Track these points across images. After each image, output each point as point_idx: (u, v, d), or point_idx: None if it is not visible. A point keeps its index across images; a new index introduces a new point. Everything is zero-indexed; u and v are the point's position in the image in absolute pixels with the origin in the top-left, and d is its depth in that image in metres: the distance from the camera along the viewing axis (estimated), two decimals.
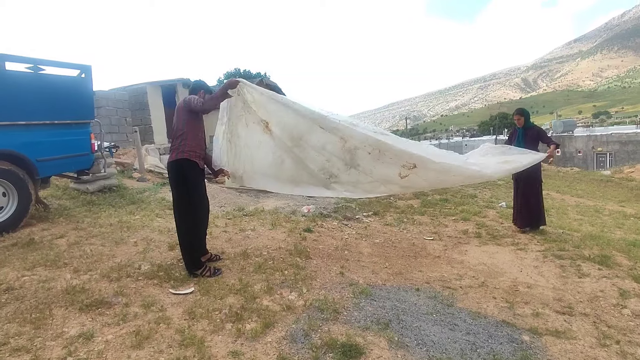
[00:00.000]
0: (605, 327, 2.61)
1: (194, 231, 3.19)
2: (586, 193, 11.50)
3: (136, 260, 3.35)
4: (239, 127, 3.47)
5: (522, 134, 4.80)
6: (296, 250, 3.86)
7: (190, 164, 3.10)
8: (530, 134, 4.75)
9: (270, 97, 3.37)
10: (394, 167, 3.48)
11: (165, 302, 2.68)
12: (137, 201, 5.78)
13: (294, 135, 3.42)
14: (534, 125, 4.91)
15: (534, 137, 4.73)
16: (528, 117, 4.87)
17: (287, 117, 3.36)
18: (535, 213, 4.79)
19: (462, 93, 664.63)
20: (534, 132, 4.76)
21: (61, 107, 4.19)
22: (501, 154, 4.34)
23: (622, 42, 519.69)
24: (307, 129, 3.39)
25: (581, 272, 3.53)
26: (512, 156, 4.22)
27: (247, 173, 3.62)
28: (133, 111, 10.47)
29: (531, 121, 4.93)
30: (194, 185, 3.14)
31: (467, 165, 3.76)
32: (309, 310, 2.65)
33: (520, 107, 5.02)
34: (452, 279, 3.49)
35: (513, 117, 4.98)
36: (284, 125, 3.40)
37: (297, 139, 3.43)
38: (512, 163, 4.08)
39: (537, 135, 4.75)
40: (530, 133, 4.76)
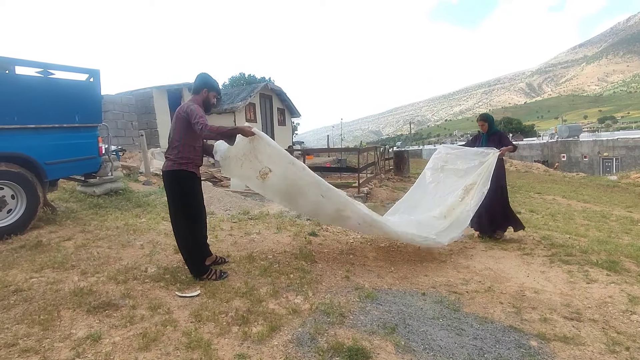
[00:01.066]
0: (615, 333, 2.58)
1: (192, 238, 3.13)
2: (592, 198, 11.41)
3: (143, 263, 3.37)
4: (233, 163, 3.40)
5: (485, 139, 4.83)
6: (301, 254, 3.86)
7: (188, 174, 3.03)
8: (493, 139, 4.76)
9: (281, 153, 3.39)
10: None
11: (171, 304, 2.69)
12: (143, 204, 5.82)
13: (290, 191, 3.54)
14: (497, 130, 4.94)
15: (496, 142, 4.74)
16: (492, 122, 4.90)
17: (293, 175, 3.41)
18: (498, 218, 4.75)
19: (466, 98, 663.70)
20: (496, 137, 4.78)
21: (70, 110, 4.25)
22: (456, 158, 4.58)
23: (628, 46, 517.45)
24: (306, 191, 3.50)
25: (589, 277, 3.50)
26: (469, 162, 4.46)
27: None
28: (139, 115, 10.56)
29: (495, 127, 4.94)
30: (191, 194, 3.09)
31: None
32: (315, 314, 2.64)
33: (484, 113, 5.07)
34: (459, 284, 3.47)
35: (477, 122, 5.00)
36: (285, 179, 3.44)
37: (294, 194, 3.55)
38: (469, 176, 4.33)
39: (499, 140, 4.76)
40: (493, 138, 4.78)
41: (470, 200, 4.21)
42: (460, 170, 4.53)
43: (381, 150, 11.98)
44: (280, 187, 3.51)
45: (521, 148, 36.07)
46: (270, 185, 3.47)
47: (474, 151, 4.59)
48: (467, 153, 4.61)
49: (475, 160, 4.49)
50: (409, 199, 4.68)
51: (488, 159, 4.42)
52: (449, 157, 4.70)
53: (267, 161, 3.35)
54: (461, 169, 4.53)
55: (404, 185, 10.13)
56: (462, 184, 4.42)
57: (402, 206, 4.65)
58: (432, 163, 4.80)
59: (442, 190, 4.55)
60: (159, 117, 10.81)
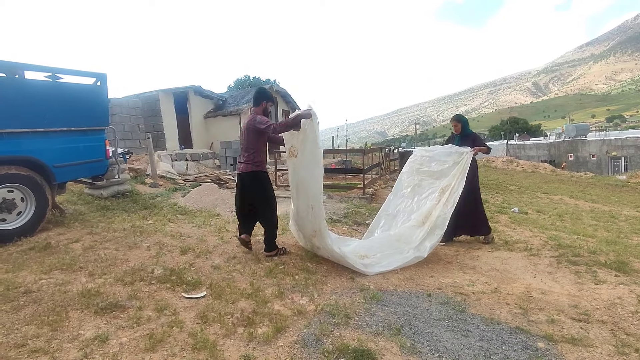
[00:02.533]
0: (624, 335, 2.55)
1: (275, 222, 3.86)
2: (601, 198, 11.27)
3: (149, 265, 3.39)
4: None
5: (458, 140, 4.80)
6: (307, 255, 3.87)
7: (264, 174, 3.78)
8: (466, 141, 4.72)
9: (315, 135, 3.62)
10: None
11: (177, 305, 2.71)
12: (150, 206, 5.87)
13: (296, 183, 3.77)
14: (471, 132, 4.90)
15: (469, 143, 4.68)
16: (465, 124, 4.86)
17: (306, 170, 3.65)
18: (472, 221, 4.66)
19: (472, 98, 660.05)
20: (469, 139, 4.74)
21: (78, 114, 4.30)
22: (431, 160, 4.56)
23: (636, 44, 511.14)
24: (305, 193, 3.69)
25: (597, 278, 3.46)
26: (443, 164, 4.44)
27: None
28: (146, 118, 10.66)
29: (469, 129, 4.88)
30: (269, 189, 3.84)
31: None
32: (320, 315, 2.65)
33: (457, 114, 5.02)
34: (465, 285, 3.45)
35: (451, 122, 4.98)
36: (299, 169, 3.70)
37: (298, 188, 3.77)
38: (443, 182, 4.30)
39: (472, 141, 4.72)
40: (466, 140, 4.73)
41: (446, 202, 4.17)
42: (435, 172, 4.48)
43: (386, 151, 11.95)
44: (293, 174, 3.78)
45: (528, 148, 35.75)
46: (290, 164, 3.81)
47: (447, 151, 4.55)
48: (441, 154, 4.56)
49: (449, 160, 4.45)
50: (388, 207, 4.65)
51: (462, 158, 4.38)
52: (424, 160, 4.65)
53: (299, 143, 3.65)
54: (436, 171, 4.48)
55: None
56: (439, 186, 4.37)
57: (383, 215, 4.64)
58: (408, 167, 4.76)
59: (419, 194, 4.52)
60: (165, 120, 10.90)
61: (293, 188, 3.85)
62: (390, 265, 3.75)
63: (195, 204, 6.04)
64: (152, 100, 10.74)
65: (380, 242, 4.24)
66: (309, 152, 3.59)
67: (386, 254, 4.00)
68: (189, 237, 4.30)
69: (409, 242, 4.13)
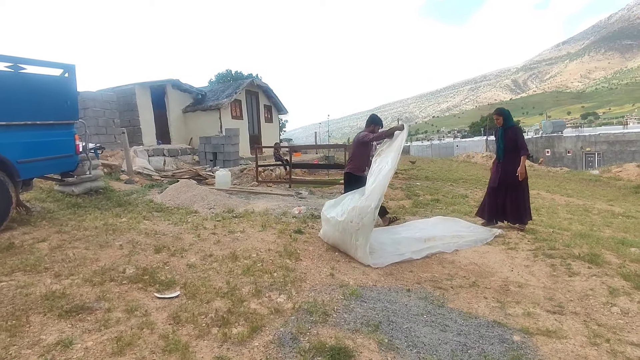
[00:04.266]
0: (596, 326, 2.60)
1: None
2: (575, 192, 11.62)
3: (121, 264, 3.26)
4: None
5: (502, 133, 4.86)
6: (286, 252, 3.80)
7: (354, 176, 4.81)
8: (509, 134, 4.79)
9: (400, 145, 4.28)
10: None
11: (149, 306, 2.60)
12: (124, 203, 5.67)
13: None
14: (513, 125, 4.92)
15: (511, 137, 4.77)
16: (507, 116, 4.87)
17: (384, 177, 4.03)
18: (520, 210, 4.88)
19: (453, 94, 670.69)
20: (512, 132, 4.80)
21: (43, 107, 4.08)
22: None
23: (609, 44, 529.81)
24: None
25: (571, 270, 3.53)
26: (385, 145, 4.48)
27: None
28: (121, 112, 10.30)
29: (513, 121, 4.92)
30: (347, 184, 4.84)
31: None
32: (298, 313, 2.59)
33: (499, 107, 5.05)
34: (443, 279, 3.46)
35: (493, 115, 5.01)
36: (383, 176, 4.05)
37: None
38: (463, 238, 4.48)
39: (514, 135, 4.77)
40: (510, 133, 4.80)
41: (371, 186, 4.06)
42: (384, 153, 4.38)
43: None
44: (373, 173, 4.13)
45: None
46: (375, 163, 4.24)
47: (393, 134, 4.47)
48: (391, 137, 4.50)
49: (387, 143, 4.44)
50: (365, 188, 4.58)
51: (395, 141, 4.33)
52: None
53: (387, 147, 4.34)
54: (384, 153, 4.39)
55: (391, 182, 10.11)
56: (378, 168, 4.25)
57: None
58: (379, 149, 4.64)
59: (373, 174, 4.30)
60: (142, 115, 10.55)
61: (369, 184, 4.09)
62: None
63: (172, 201, 5.87)
64: (128, 94, 10.37)
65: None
66: (390, 158, 4.12)
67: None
68: (164, 235, 4.17)
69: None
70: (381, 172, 4.05)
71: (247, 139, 12.79)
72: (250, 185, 7.99)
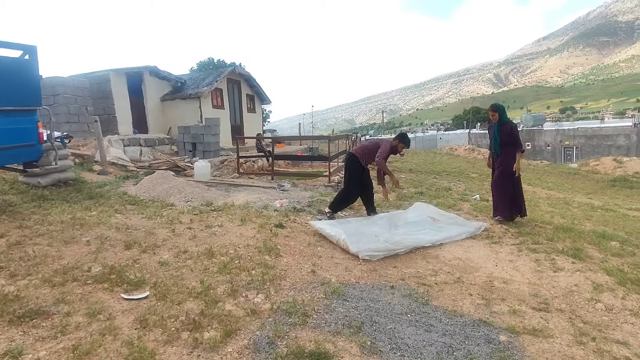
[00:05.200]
0: (581, 324, 2.55)
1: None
2: (556, 185, 11.83)
3: (86, 262, 3.02)
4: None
5: (497, 129, 4.86)
6: (265, 247, 3.63)
7: (360, 163, 5.05)
8: (505, 130, 4.81)
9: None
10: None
11: (114, 309, 2.40)
12: (95, 196, 5.37)
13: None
14: (508, 121, 4.94)
15: (507, 132, 4.79)
16: (502, 112, 4.88)
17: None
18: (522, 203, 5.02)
19: (436, 87, 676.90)
20: (507, 128, 4.82)
21: (0, 92, 3.73)
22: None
23: (587, 40, 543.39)
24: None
25: (556, 265, 3.50)
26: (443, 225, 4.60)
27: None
28: (95, 100, 9.79)
29: (507, 116, 4.94)
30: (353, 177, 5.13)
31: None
32: (276, 315, 2.44)
33: (494, 103, 5.04)
34: (428, 275, 3.38)
35: (488, 111, 4.99)
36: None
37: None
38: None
39: (510, 131, 4.80)
40: (505, 129, 4.82)
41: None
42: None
43: (353, 139, 11.83)
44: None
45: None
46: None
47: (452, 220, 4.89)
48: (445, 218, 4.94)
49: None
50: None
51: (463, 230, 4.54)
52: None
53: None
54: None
55: (373, 175, 10.04)
56: None
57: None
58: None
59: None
60: (117, 103, 10.05)
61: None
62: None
63: (147, 193, 5.60)
64: (102, 81, 9.86)
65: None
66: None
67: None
68: (137, 230, 3.93)
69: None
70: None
71: (228, 129, 12.43)
72: (231, 177, 7.74)
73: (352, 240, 3.94)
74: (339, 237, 4.01)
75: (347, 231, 4.10)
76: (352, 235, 4.03)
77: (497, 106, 4.91)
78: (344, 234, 4.03)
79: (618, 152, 25.36)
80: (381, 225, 4.49)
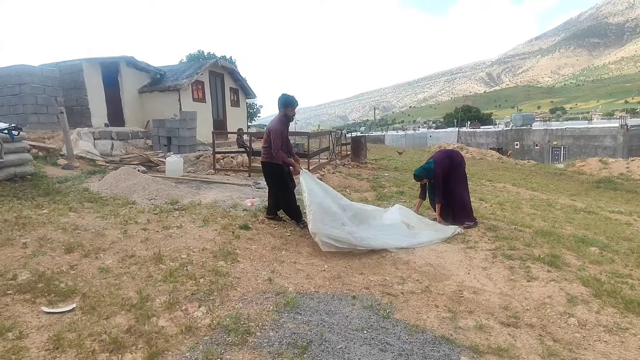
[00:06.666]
0: (551, 342, 2.34)
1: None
2: (540, 186, 11.73)
3: (14, 268, 2.73)
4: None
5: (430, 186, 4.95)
6: (222, 252, 3.36)
7: (274, 165, 4.45)
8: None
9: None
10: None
11: (30, 325, 2.12)
12: (52, 192, 5.04)
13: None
14: (430, 177, 4.83)
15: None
16: (426, 175, 4.84)
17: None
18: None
19: (430, 85, 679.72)
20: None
21: None
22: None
23: (578, 41, 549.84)
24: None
25: (530, 274, 3.29)
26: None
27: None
28: (67, 90, 9.35)
29: (431, 175, 4.82)
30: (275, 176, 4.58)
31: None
32: (214, 332, 2.18)
33: (415, 174, 5.00)
34: (394, 283, 3.15)
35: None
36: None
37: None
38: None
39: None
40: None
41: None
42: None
43: (337, 136, 11.56)
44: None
45: (478, 135, 37.24)
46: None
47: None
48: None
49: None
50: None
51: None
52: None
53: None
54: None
55: (359, 172, 9.82)
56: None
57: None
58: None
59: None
60: (90, 94, 9.60)
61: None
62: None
63: (109, 190, 5.27)
64: (75, 71, 9.41)
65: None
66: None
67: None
68: (86, 231, 3.62)
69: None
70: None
71: (210, 123, 12.05)
72: (206, 174, 7.43)
73: (316, 217, 3.81)
74: (308, 207, 3.93)
75: (320, 204, 3.98)
76: (318, 212, 3.87)
77: (418, 175, 4.91)
78: (314, 206, 3.91)
79: (605, 152, 25.56)
80: (353, 216, 4.32)
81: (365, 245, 3.80)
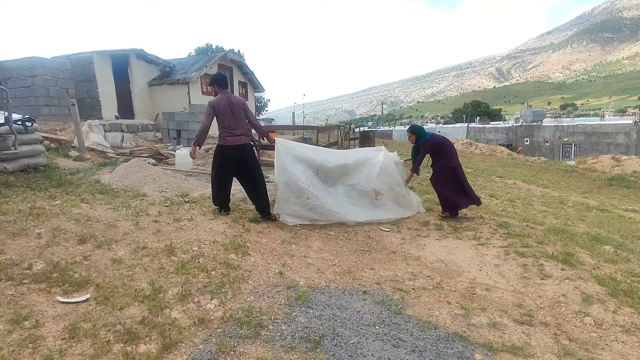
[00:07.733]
0: (567, 341, 2.31)
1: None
2: (551, 183, 11.57)
3: (29, 258, 2.76)
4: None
5: (414, 151, 5.07)
6: (233, 245, 3.37)
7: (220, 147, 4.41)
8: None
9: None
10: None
11: (46, 314, 2.14)
12: (65, 183, 5.09)
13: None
14: (423, 142, 4.88)
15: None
16: (419, 135, 4.91)
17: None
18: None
19: (438, 80, 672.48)
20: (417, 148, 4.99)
21: None
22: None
23: (591, 36, 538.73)
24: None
25: (543, 272, 3.25)
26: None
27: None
28: (78, 83, 9.42)
29: (421, 140, 4.90)
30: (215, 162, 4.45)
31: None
32: (227, 325, 2.18)
33: (412, 125, 5.23)
34: (406, 279, 3.13)
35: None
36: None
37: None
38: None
39: (416, 150, 5.00)
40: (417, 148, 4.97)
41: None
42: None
43: (346, 130, 11.52)
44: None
45: (487, 131, 36.78)
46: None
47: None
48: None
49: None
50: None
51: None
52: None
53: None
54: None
55: None
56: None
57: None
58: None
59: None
60: (101, 86, 9.66)
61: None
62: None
63: (120, 182, 5.31)
64: (85, 63, 9.46)
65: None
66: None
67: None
68: (98, 222, 3.65)
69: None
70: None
71: None
72: None
73: (281, 197, 4.19)
74: (275, 187, 4.28)
75: (287, 182, 4.21)
76: (283, 191, 4.19)
77: (413, 129, 5.02)
78: (280, 185, 4.20)
79: (617, 150, 25.08)
80: (328, 176, 4.61)
81: (325, 219, 4.27)
